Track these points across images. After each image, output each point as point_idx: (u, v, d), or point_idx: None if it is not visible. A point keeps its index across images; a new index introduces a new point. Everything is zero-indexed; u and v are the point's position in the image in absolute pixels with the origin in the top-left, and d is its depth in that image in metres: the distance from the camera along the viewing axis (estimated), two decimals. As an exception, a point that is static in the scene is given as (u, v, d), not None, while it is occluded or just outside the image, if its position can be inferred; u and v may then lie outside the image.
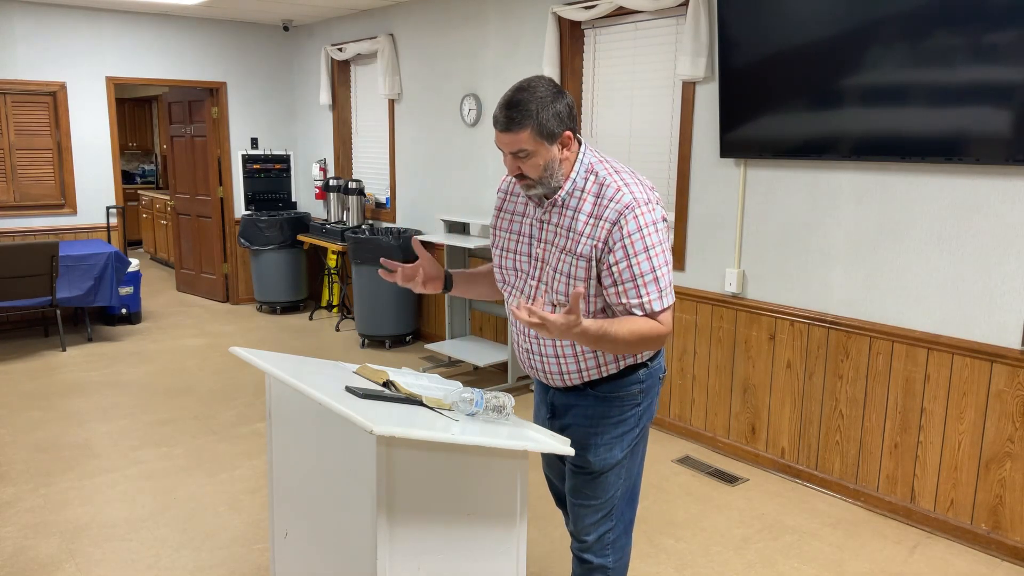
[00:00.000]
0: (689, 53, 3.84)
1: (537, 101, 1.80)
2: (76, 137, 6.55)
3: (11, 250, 5.40)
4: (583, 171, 1.90)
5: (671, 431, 4.32)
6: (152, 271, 9.30)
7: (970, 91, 2.91)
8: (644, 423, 2.07)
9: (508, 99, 1.82)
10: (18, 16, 6.17)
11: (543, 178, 1.87)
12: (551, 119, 1.81)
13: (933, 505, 3.28)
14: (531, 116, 1.79)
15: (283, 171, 7.61)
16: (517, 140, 1.81)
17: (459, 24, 5.48)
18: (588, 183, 1.89)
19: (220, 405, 4.69)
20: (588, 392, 2.02)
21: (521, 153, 1.83)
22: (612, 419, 2.02)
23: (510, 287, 2.07)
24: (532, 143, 1.81)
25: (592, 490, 2.06)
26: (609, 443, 2.02)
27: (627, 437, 2.04)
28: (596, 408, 2.02)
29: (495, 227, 2.10)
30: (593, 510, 2.08)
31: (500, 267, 2.08)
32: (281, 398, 2.19)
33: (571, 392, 2.05)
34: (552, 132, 1.82)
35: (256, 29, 7.29)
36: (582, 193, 1.89)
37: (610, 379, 2.00)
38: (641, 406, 2.04)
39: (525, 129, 1.80)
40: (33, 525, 3.23)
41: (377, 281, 5.80)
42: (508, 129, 1.81)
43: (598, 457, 2.03)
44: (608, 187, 1.86)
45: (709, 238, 4.03)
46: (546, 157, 1.84)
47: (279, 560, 2.28)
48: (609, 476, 2.04)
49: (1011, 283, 2.99)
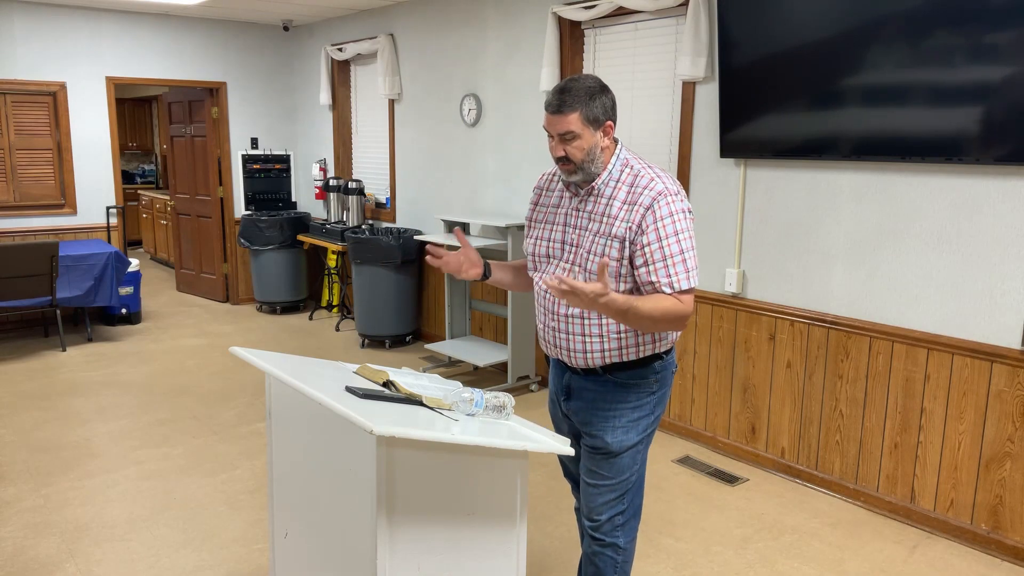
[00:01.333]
0: (689, 53, 3.85)
1: (586, 90, 1.98)
2: (76, 137, 6.55)
3: (11, 250, 5.40)
4: (619, 164, 2.07)
5: (671, 431, 4.32)
6: (152, 271, 9.30)
7: (970, 91, 2.91)
8: (658, 412, 2.19)
9: (560, 87, 2.00)
10: (18, 16, 6.17)
11: (584, 162, 2.02)
12: (597, 107, 1.99)
13: (933, 505, 3.28)
14: (581, 101, 1.97)
15: (283, 171, 7.61)
16: (566, 122, 1.98)
17: (459, 24, 5.48)
18: (623, 174, 2.06)
19: (220, 405, 4.69)
20: (607, 378, 2.12)
21: (568, 135, 1.99)
22: (630, 403, 2.13)
23: (540, 272, 2.20)
24: (579, 126, 1.98)
25: (608, 470, 2.16)
26: (627, 426, 2.13)
27: (643, 422, 2.15)
28: (614, 393, 2.13)
29: (530, 220, 2.25)
30: (607, 490, 2.17)
31: (534, 255, 2.21)
32: (281, 398, 2.19)
33: (589, 377, 2.15)
34: (597, 118, 2.00)
35: (256, 29, 7.29)
36: (617, 183, 2.05)
37: (628, 366, 2.10)
38: (656, 395, 2.16)
39: (575, 111, 1.97)
40: (33, 525, 3.23)
41: (377, 281, 5.80)
42: (559, 111, 1.98)
43: (616, 438, 2.13)
44: (642, 177, 2.03)
45: (709, 238, 4.02)
46: (590, 142, 2.01)
47: (279, 560, 2.28)
48: (625, 458, 2.15)
49: (1011, 283, 2.99)
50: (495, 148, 5.31)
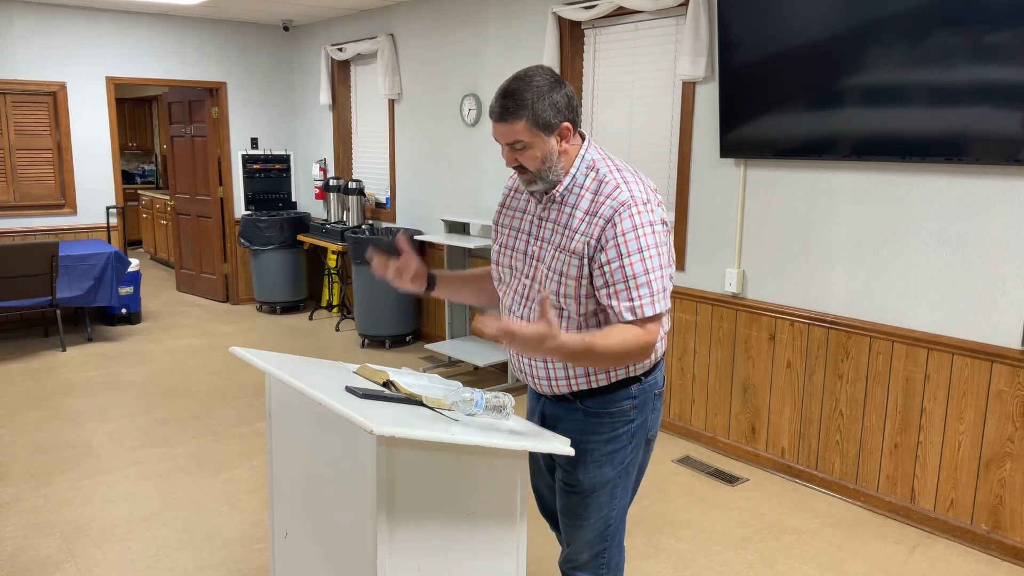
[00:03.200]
0: (689, 53, 3.84)
1: (533, 90, 1.74)
2: (76, 137, 6.55)
3: (11, 250, 5.40)
4: (584, 167, 1.83)
5: (671, 431, 4.32)
6: (152, 271, 9.30)
7: (970, 91, 2.91)
8: (637, 440, 1.97)
9: (504, 89, 1.76)
10: (18, 16, 6.16)
11: (542, 171, 1.81)
12: (547, 109, 1.74)
13: (933, 505, 3.28)
14: (526, 106, 1.73)
15: (283, 171, 7.61)
16: (512, 131, 1.76)
17: (459, 24, 5.48)
18: (588, 179, 1.82)
19: (220, 405, 4.68)
20: (577, 406, 1.94)
21: (517, 144, 1.78)
22: (603, 436, 1.93)
23: (505, 285, 2.00)
24: (528, 134, 1.75)
25: (584, 510, 1.98)
26: (599, 460, 1.94)
27: (618, 455, 1.94)
28: (586, 424, 1.93)
29: (497, 223, 2.04)
30: (587, 530, 2.00)
31: (497, 264, 2.02)
32: (281, 398, 2.18)
33: (560, 404, 1.97)
34: (549, 123, 1.75)
35: (256, 29, 7.28)
36: (581, 189, 1.82)
37: (600, 393, 1.91)
38: (634, 423, 1.94)
39: (520, 119, 1.74)
40: (33, 525, 3.22)
41: (377, 281, 5.78)
42: (503, 119, 1.76)
43: (588, 475, 1.94)
44: (606, 183, 1.79)
45: (709, 238, 4.03)
46: (544, 149, 1.78)
47: (279, 560, 2.28)
48: (601, 496, 1.96)
49: (1011, 283, 2.99)
50: (495, 148, 5.30)
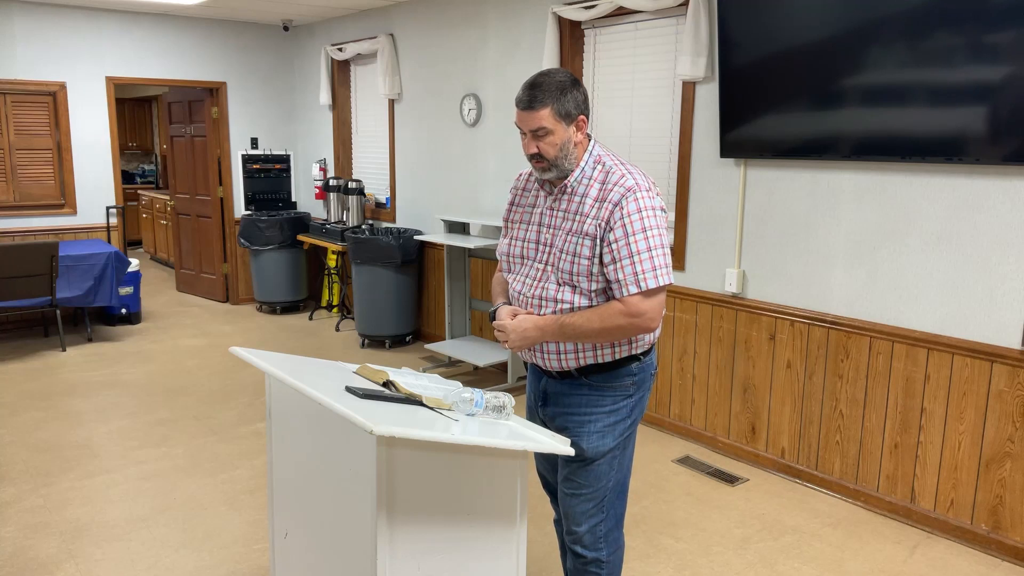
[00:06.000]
0: (689, 53, 3.84)
1: (558, 84, 1.96)
2: (76, 137, 6.55)
3: (11, 250, 5.40)
4: (591, 161, 2.05)
5: (671, 431, 4.32)
6: (152, 271, 9.30)
7: (970, 91, 2.91)
8: (636, 416, 2.15)
9: (531, 81, 1.97)
10: (18, 16, 6.16)
11: (558, 158, 2.00)
12: (569, 101, 1.97)
13: (933, 505, 3.28)
14: (552, 96, 1.95)
15: (283, 171, 7.60)
16: (538, 117, 1.96)
17: (459, 24, 5.48)
18: (595, 171, 2.04)
19: (220, 405, 4.68)
20: (582, 381, 2.09)
21: (540, 131, 1.97)
22: (605, 408, 2.09)
23: (515, 273, 2.17)
24: (551, 121, 1.96)
25: (584, 478, 2.12)
26: (602, 431, 2.09)
27: (619, 427, 2.11)
28: (589, 397, 2.10)
29: (507, 220, 2.22)
30: (584, 499, 2.12)
31: (508, 255, 2.18)
32: (281, 398, 2.19)
33: (565, 381, 2.12)
34: (569, 113, 1.97)
35: (256, 29, 7.28)
36: (589, 180, 2.03)
37: (604, 368, 2.07)
38: (633, 398, 2.12)
39: (546, 107, 1.95)
40: (33, 525, 3.22)
41: (377, 281, 5.80)
42: (531, 106, 1.96)
43: (591, 444, 2.09)
44: (613, 173, 2.01)
45: (709, 238, 4.02)
46: (563, 137, 1.98)
47: (279, 560, 2.28)
48: (601, 464, 2.11)
49: (1011, 283, 2.99)
50: (495, 148, 5.31)
